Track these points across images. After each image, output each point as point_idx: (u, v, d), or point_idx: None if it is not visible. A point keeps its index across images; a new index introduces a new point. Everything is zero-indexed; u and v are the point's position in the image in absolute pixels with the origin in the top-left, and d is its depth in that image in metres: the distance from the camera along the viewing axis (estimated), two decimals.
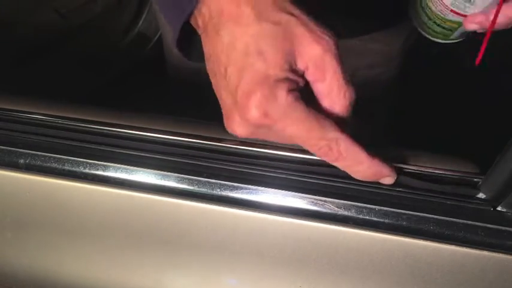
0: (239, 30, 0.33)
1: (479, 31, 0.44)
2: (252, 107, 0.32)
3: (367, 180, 0.38)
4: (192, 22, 0.36)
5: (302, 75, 0.34)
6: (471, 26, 0.43)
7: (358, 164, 0.36)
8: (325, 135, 0.34)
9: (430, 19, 0.46)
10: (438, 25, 0.45)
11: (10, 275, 0.50)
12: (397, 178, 0.40)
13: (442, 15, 0.44)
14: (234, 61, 0.33)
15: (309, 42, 0.33)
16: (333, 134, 0.34)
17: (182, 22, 0.36)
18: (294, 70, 0.34)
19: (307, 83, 0.35)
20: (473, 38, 0.45)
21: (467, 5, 0.41)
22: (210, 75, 0.36)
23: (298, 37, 0.33)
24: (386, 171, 0.37)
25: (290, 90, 0.33)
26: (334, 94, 0.35)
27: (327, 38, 0.34)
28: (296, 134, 0.33)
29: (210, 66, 0.35)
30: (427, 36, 0.48)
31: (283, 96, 0.33)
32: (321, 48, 0.33)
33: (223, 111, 0.35)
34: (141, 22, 1.18)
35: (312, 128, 0.33)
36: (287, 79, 0.33)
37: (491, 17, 0.41)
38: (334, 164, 0.36)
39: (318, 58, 0.33)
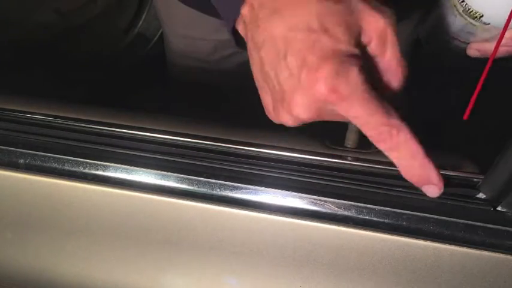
0: (300, 11, 0.32)
1: (480, 57, 0.45)
2: (321, 81, 0.31)
3: (413, 180, 0.36)
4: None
5: (364, 52, 0.34)
6: (472, 52, 0.44)
7: (412, 158, 0.34)
8: (389, 121, 0.33)
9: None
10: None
11: (10, 275, 0.50)
12: (396, 178, 0.40)
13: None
14: (297, 41, 0.32)
15: (373, 15, 0.33)
16: (396, 121, 0.33)
17: (238, 12, 0.36)
18: (359, 46, 0.33)
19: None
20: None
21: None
22: (260, 63, 0.35)
23: (361, 12, 0.33)
24: (435, 177, 0.35)
25: (361, 68, 0.32)
26: (392, 69, 0.35)
27: (389, 12, 0.33)
28: (360, 114, 0.32)
29: (262, 54, 0.34)
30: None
31: (355, 72, 0.32)
32: (384, 21, 0.33)
33: (277, 98, 0.34)
34: (141, 22, 1.18)
35: (377, 111, 0.32)
36: (356, 55, 0.32)
37: (491, 47, 0.42)
38: (387, 152, 0.34)
39: (381, 31, 0.33)
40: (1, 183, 0.46)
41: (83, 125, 0.48)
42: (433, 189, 0.36)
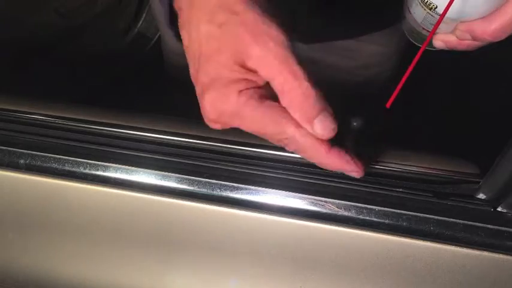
0: (195, 31, 0.34)
1: (446, 49, 0.44)
2: (207, 106, 0.34)
3: (329, 169, 0.37)
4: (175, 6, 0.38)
5: (257, 69, 0.34)
6: (438, 43, 0.43)
7: (320, 157, 0.35)
8: (280, 132, 0.34)
9: (410, 28, 0.46)
10: (417, 35, 0.46)
11: (10, 275, 0.50)
12: (396, 178, 0.40)
13: (417, 29, 0.44)
14: (194, 59, 0.35)
15: (248, 43, 0.33)
16: (290, 131, 0.34)
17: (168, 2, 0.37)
18: (247, 69, 0.34)
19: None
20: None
21: (431, 26, 0.41)
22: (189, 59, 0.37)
23: (239, 38, 0.33)
24: (348, 167, 0.36)
25: (242, 91, 0.33)
26: (286, 91, 0.34)
27: (267, 37, 0.33)
28: (253, 130, 0.34)
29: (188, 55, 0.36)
30: (413, 41, 0.48)
31: (234, 97, 0.33)
32: (259, 49, 0.33)
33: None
34: (141, 22, 1.18)
35: (266, 126, 0.34)
36: (239, 79, 0.33)
37: (455, 39, 0.42)
38: (296, 153, 0.36)
39: (259, 59, 0.33)
40: (1, 183, 0.46)
41: (83, 125, 0.47)
42: (353, 173, 0.36)
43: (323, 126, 0.35)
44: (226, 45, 0.33)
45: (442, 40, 0.43)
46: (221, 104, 0.34)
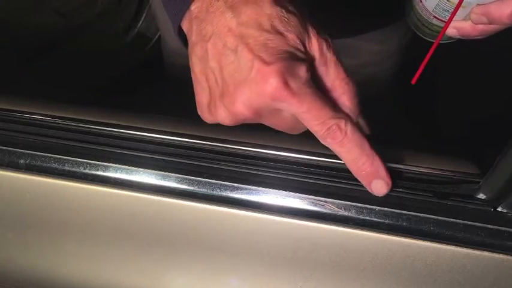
0: (253, 10, 0.33)
1: (461, 37, 0.44)
2: (272, 76, 0.32)
3: (362, 175, 0.37)
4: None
5: (312, 59, 0.35)
6: (451, 31, 0.43)
7: (360, 150, 0.35)
8: (336, 114, 0.34)
9: (419, 20, 0.46)
10: (426, 27, 0.45)
11: (10, 275, 0.50)
12: (396, 178, 0.40)
13: (427, 19, 0.44)
14: (250, 37, 0.33)
15: (314, 35, 0.35)
16: (343, 114, 0.35)
17: (186, 8, 0.36)
18: (307, 52, 0.34)
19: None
20: (470, 39, 0.45)
21: (446, 13, 0.41)
22: (204, 56, 0.35)
23: (309, 26, 0.34)
24: (384, 171, 0.37)
25: (308, 69, 0.33)
26: (337, 88, 0.36)
27: (327, 36, 0.35)
28: (310, 109, 0.33)
29: (209, 46, 0.34)
30: (420, 35, 0.48)
31: (303, 71, 0.33)
32: (325, 43, 0.35)
33: (217, 93, 0.35)
34: (141, 22, 1.18)
35: (324, 106, 0.34)
36: (304, 58, 0.34)
37: (470, 25, 0.41)
38: (336, 147, 0.35)
39: (322, 51, 0.35)
40: (1, 183, 0.46)
41: (83, 125, 0.47)
42: (381, 185, 0.37)
43: (365, 123, 0.37)
44: (298, 27, 0.34)
45: (455, 27, 0.42)
46: (290, 76, 0.32)
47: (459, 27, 0.42)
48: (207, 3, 0.35)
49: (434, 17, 0.43)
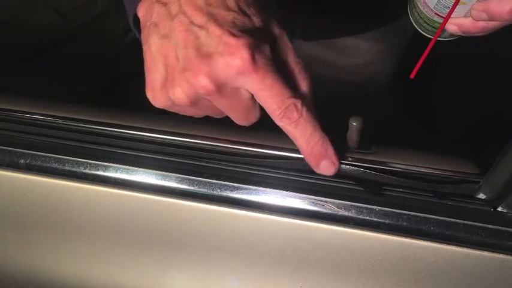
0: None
1: (462, 35, 0.44)
2: (241, 49, 0.33)
3: (311, 156, 0.37)
4: None
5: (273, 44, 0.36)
6: (451, 28, 0.43)
7: (313, 132, 0.36)
8: (294, 94, 0.35)
9: (420, 17, 0.46)
10: (428, 24, 0.45)
11: (10, 275, 0.50)
12: (396, 178, 0.40)
13: (428, 16, 0.44)
14: (220, 15, 0.34)
15: (274, 22, 0.36)
16: (301, 94, 0.36)
17: None
18: (272, 35, 0.36)
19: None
20: (470, 37, 0.45)
21: (447, 10, 0.41)
22: (168, 34, 0.35)
23: (271, 14, 0.36)
24: (332, 152, 0.37)
25: (272, 49, 0.35)
26: (297, 70, 0.37)
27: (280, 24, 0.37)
28: (270, 86, 0.34)
29: (175, 25, 0.35)
30: (422, 32, 0.48)
31: (267, 49, 0.34)
32: (280, 29, 0.36)
33: (176, 70, 0.35)
34: None
35: (284, 86, 0.35)
36: (269, 40, 0.35)
37: (471, 22, 0.42)
38: (290, 128, 0.36)
39: (280, 36, 0.36)
40: (1, 183, 0.46)
41: (83, 125, 0.47)
42: (329, 165, 0.38)
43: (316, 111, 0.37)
44: (261, 11, 0.35)
45: (455, 24, 0.43)
46: (257, 51, 0.33)
47: (460, 23, 0.42)
48: None
49: (436, 13, 0.43)
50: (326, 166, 0.38)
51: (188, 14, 0.34)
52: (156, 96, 0.36)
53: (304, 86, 0.37)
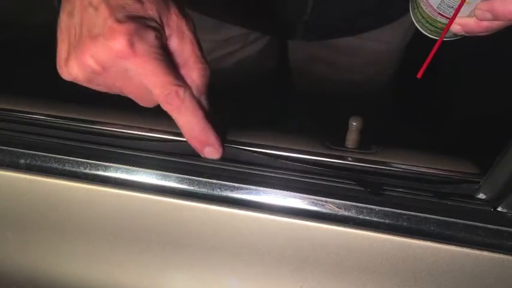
0: None
1: (465, 34, 0.44)
2: (121, 34, 0.34)
3: (194, 142, 0.40)
4: None
5: (169, 33, 0.37)
6: (455, 28, 0.43)
7: (194, 119, 0.38)
8: (177, 82, 0.36)
9: (423, 17, 0.46)
10: (430, 24, 0.45)
11: (10, 275, 0.50)
12: (395, 178, 0.40)
13: (431, 16, 0.44)
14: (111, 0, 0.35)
15: (173, 13, 0.37)
16: (183, 82, 0.37)
17: None
18: (163, 25, 0.37)
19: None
20: (473, 37, 0.45)
21: (451, 10, 0.41)
22: (71, 8, 0.37)
23: (165, 6, 0.37)
24: (214, 139, 0.40)
25: (157, 37, 0.36)
26: (190, 65, 0.38)
27: (184, 15, 0.38)
28: (151, 72, 0.35)
29: (76, 3, 0.37)
30: (424, 32, 0.48)
31: (152, 36, 0.35)
32: (182, 20, 0.37)
33: (73, 44, 0.36)
34: None
35: (168, 73, 0.36)
36: (156, 27, 0.36)
37: (475, 21, 0.42)
38: (174, 113, 0.38)
39: (180, 27, 0.37)
40: (1, 183, 0.46)
41: (83, 125, 0.48)
42: (213, 151, 0.40)
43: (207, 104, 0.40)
44: (156, 1, 0.36)
45: (459, 23, 0.43)
46: (137, 38, 0.34)
47: (463, 23, 0.42)
48: None
49: (439, 13, 0.43)
50: (210, 151, 0.40)
51: None
52: (61, 71, 0.38)
53: (194, 75, 0.38)
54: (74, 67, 0.37)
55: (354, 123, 0.44)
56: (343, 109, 0.54)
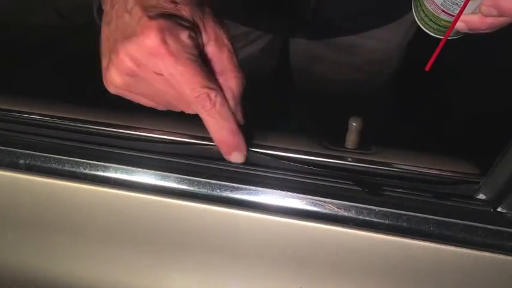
0: None
1: (469, 32, 0.44)
2: (152, 30, 0.34)
3: (223, 145, 0.40)
4: None
5: (207, 38, 0.37)
6: (459, 25, 0.43)
7: (226, 122, 0.38)
8: (208, 84, 0.36)
9: (426, 16, 0.46)
10: (433, 22, 0.45)
11: (10, 275, 0.50)
12: (395, 179, 0.40)
13: (435, 13, 0.44)
14: (144, 1, 0.35)
15: (214, 21, 0.37)
16: (215, 85, 0.37)
17: None
18: (197, 27, 0.36)
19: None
20: (474, 35, 0.45)
21: (455, 7, 0.41)
22: (110, 18, 0.37)
23: (205, 13, 0.37)
24: (243, 145, 0.40)
25: (191, 37, 0.35)
26: (228, 72, 0.38)
27: (226, 27, 0.38)
28: (183, 72, 0.35)
29: (113, 13, 0.37)
30: (426, 31, 0.48)
31: (185, 35, 0.35)
32: (223, 29, 0.38)
33: (112, 51, 0.36)
34: None
35: (199, 73, 0.36)
36: (190, 27, 0.36)
37: (479, 18, 0.42)
38: (206, 115, 0.38)
39: (219, 36, 0.37)
40: (1, 183, 0.46)
41: (83, 125, 0.47)
42: (239, 155, 0.41)
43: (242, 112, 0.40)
44: (192, 5, 0.36)
45: (463, 21, 0.43)
46: (170, 35, 0.34)
47: (467, 20, 0.42)
48: None
49: (443, 11, 0.43)
50: (236, 156, 0.41)
51: (124, 2, 0.36)
52: (104, 80, 0.38)
53: (232, 83, 0.38)
54: (112, 72, 0.36)
55: (354, 124, 0.44)
56: (344, 109, 0.54)
